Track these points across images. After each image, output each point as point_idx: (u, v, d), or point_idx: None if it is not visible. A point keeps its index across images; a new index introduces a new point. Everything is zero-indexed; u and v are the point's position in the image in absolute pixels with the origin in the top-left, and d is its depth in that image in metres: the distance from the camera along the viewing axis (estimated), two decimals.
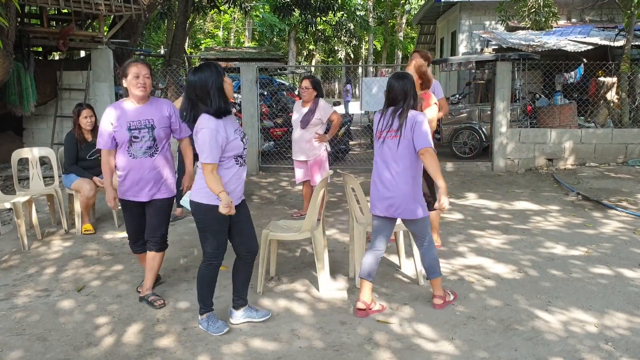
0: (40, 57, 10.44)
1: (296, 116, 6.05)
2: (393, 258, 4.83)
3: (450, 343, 3.33)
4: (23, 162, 6.84)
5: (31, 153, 6.11)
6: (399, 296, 4.05)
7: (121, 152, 3.83)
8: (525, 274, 4.47)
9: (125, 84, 3.76)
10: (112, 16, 10.08)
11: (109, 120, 3.78)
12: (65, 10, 9.23)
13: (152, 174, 3.84)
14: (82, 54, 12.62)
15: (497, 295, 4.03)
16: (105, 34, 9.70)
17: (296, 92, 14.84)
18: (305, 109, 5.96)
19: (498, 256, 4.88)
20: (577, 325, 3.54)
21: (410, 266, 4.51)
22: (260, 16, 28.44)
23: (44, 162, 7.35)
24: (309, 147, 5.95)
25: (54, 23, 10.41)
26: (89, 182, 5.69)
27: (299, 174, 6.13)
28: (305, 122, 5.91)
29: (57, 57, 13.70)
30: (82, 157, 5.77)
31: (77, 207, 5.70)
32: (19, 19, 8.97)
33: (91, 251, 5.19)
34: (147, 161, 3.81)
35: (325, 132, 6.01)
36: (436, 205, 3.59)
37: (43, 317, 3.77)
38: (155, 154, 3.84)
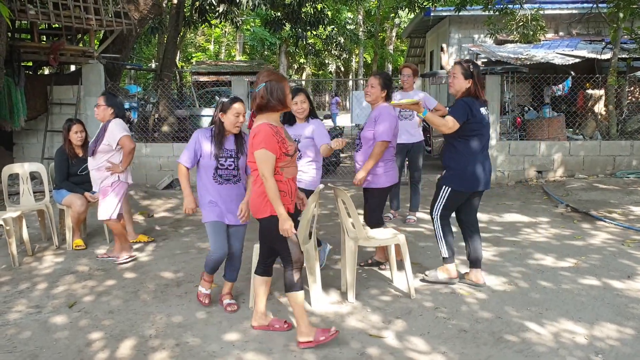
0: (30, 72, 10.43)
1: None
2: (385, 272, 4.86)
3: (443, 356, 3.34)
4: (13, 177, 6.83)
5: (22, 168, 6.09)
6: (391, 310, 4.06)
7: None
8: (515, 285, 4.50)
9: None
10: (103, 31, 10.11)
11: None
12: (56, 25, 9.24)
13: None
14: (73, 68, 12.61)
15: (488, 307, 4.06)
16: (96, 48, 9.72)
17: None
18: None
19: (489, 268, 4.91)
20: (567, 336, 3.57)
21: (402, 280, 4.52)
22: (251, 30, 28.61)
23: (34, 176, 7.33)
24: (98, 175, 5.21)
25: (44, 38, 10.43)
26: (80, 197, 5.68)
27: None
28: (90, 149, 5.20)
29: (47, 72, 13.68)
30: (73, 173, 5.77)
31: (68, 222, 5.68)
32: (9, 34, 8.97)
33: (83, 267, 5.17)
34: None
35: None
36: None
37: (34, 333, 3.75)
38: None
